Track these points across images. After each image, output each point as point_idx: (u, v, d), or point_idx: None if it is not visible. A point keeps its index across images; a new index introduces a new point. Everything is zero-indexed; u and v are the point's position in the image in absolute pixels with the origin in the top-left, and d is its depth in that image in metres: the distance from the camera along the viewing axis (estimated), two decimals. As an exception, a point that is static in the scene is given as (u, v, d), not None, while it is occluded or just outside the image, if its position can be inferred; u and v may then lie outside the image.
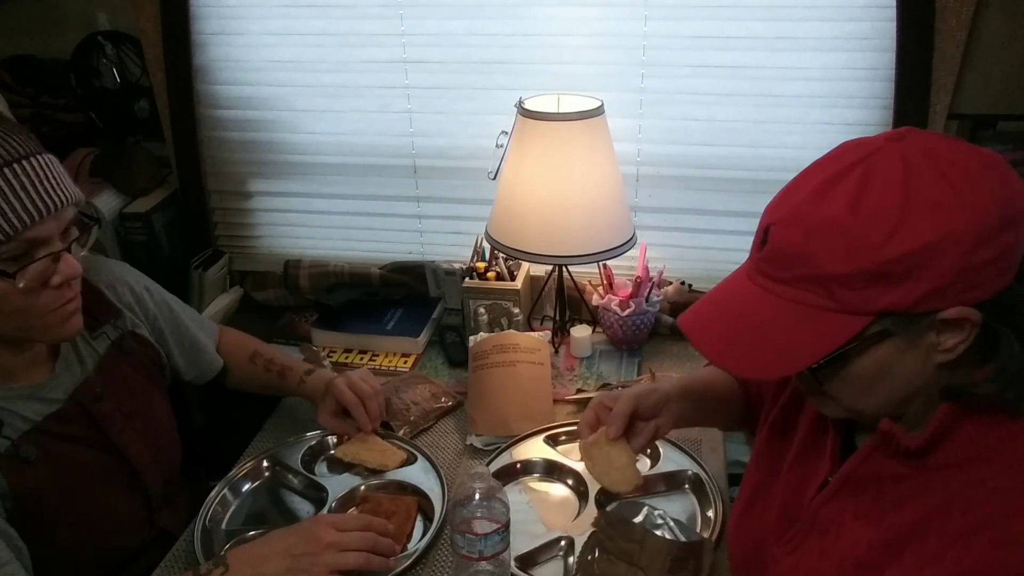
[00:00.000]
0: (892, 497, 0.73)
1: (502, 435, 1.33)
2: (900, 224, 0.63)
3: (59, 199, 0.88)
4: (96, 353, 1.10)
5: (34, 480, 0.97)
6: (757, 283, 0.72)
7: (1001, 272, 0.64)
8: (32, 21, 1.79)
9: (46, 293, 0.91)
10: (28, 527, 0.95)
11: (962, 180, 0.63)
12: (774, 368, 0.72)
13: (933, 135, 0.67)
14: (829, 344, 0.67)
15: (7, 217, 0.83)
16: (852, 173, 0.66)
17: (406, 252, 1.86)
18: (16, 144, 0.86)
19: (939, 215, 0.62)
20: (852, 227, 0.64)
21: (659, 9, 1.51)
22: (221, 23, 1.71)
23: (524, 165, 1.43)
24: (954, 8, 1.37)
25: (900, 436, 0.71)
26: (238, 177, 1.87)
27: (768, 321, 0.70)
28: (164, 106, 1.77)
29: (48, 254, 0.89)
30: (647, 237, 1.59)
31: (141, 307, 1.19)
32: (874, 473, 0.75)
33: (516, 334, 1.45)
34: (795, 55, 1.50)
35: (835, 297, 0.66)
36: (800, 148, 1.56)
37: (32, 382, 1.02)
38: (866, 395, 0.72)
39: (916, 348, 0.68)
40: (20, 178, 0.84)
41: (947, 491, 0.69)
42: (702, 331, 0.75)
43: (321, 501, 1.20)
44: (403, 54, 1.65)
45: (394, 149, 1.75)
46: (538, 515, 1.17)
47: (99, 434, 1.06)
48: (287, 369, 1.33)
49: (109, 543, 1.09)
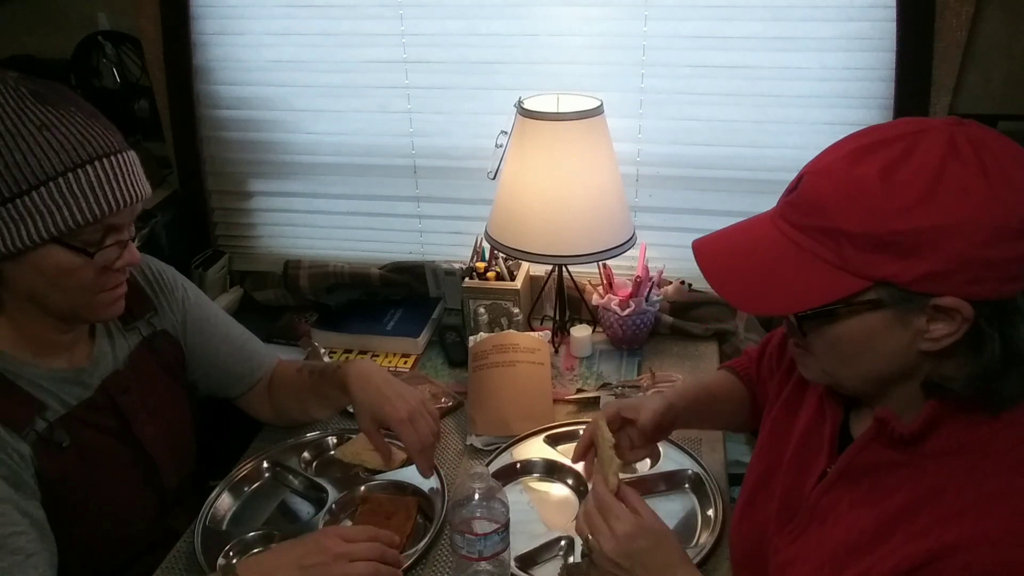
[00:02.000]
0: (887, 484, 0.74)
1: (502, 435, 1.33)
2: (924, 200, 0.63)
3: (137, 193, 0.97)
4: (127, 346, 1.13)
5: (62, 466, 1.00)
6: (777, 225, 0.73)
7: (1009, 278, 0.64)
8: (32, 21, 1.79)
9: (106, 275, 0.98)
10: (49, 514, 0.97)
11: (999, 175, 0.63)
12: (764, 305, 0.74)
13: (991, 131, 0.67)
14: (823, 297, 0.69)
15: (98, 203, 0.92)
16: (897, 144, 0.67)
17: (406, 252, 1.86)
18: (112, 140, 0.96)
19: (964, 200, 0.63)
20: (876, 190, 0.65)
21: (659, 9, 1.51)
22: (221, 23, 1.71)
23: (524, 165, 1.43)
24: (954, 8, 1.37)
25: (894, 423, 0.72)
26: (238, 177, 1.87)
27: (775, 260, 0.72)
28: (164, 106, 1.77)
29: (117, 241, 0.97)
30: (647, 237, 1.59)
31: (176, 311, 1.22)
32: (871, 462, 0.76)
33: (516, 334, 1.45)
34: (795, 55, 1.50)
35: (842, 254, 0.67)
36: (800, 148, 1.56)
37: (73, 365, 1.05)
38: (845, 363, 0.74)
39: (904, 328, 0.69)
40: (113, 170, 0.94)
41: (940, 476, 0.70)
42: (712, 255, 0.78)
43: (321, 502, 1.20)
44: (403, 54, 1.65)
45: (394, 149, 1.75)
46: (538, 515, 1.17)
47: (123, 426, 1.08)
48: (325, 367, 1.28)
49: (122, 536, 1.10)
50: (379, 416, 1.15)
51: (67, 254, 0.93)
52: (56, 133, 0.90)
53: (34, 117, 0.89)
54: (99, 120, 0.96)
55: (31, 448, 0.97)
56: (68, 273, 0.94)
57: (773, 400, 0.96)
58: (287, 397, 1.31)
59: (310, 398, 1.29)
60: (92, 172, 0.92)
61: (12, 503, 0.91)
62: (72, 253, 0.93)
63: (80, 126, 0.92)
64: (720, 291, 0.76)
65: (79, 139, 0.91)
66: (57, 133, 0.90)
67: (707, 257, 0.78)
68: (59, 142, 0.90)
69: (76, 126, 0.92)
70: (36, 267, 0.93)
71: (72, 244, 0.93)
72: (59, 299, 0.97)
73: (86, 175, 0.91)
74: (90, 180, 0.91)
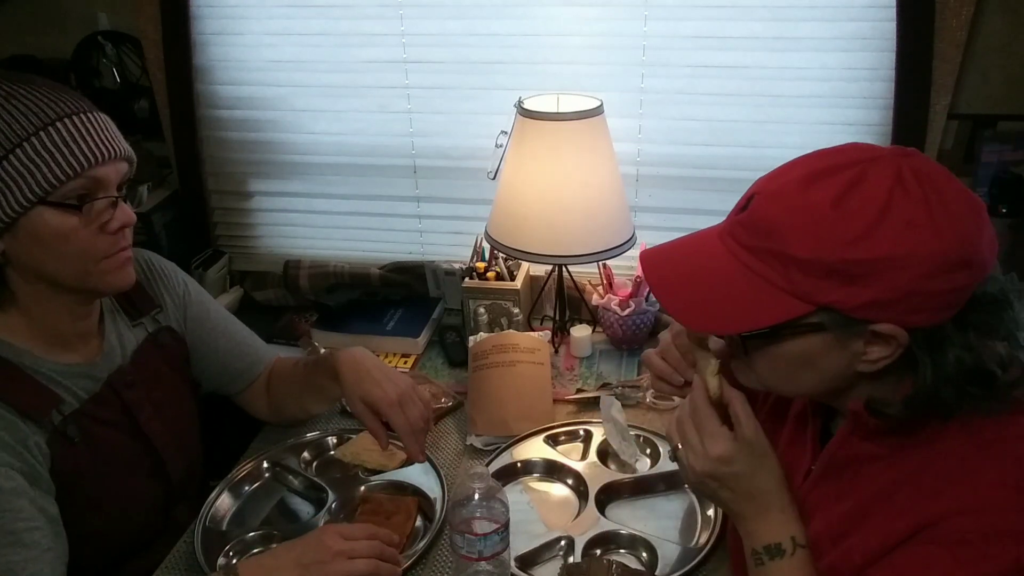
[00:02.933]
0: (867, 474, 0.77)
1: (502, 435, 1.33)
2: (872, 230, 0.65)
3: (118, 148, 0.98)
4: (134, 341, 1.14)
5: (74, 461, 1.01)
6: (726, 243, 0.75)
7: (944, 307, 0.67)
8: (32, 21, 1.79)
9: (103, 238, 0.98)
10: (60, 507, 0.98)
11: (941, 209, 0.65)
12: (709, 323, 0.76)
13: (936, 165, 0.69)
14: (767, 319, 0.71)
15: (76, 156, 0.93)
16: (847, 171, 0.68)
17: (406, 252, 1.85)
18: (81, 103, 0.97)
19: (910, 233, 0.64)
20: (828, 219, 0.66)
21: (659, 9, 1.51)
22: (221, 23, 1.71)
23: (524, 165, 1.43)
24: (954, 8, 1.37)
25: (866, 417, 0.74)
26: (238, 177, 1.87)
27: (722, 280, 0.73)
28: (164, 106, 1.77)
29: (107, 196, 0.97)
30: (647, 237, 1.58)
31: (178, 307, 1.22)
32: (851, 456, 0.78)
33: (516, 334, 1.45)
34: (795, 55, 1.50)
35: (790, 278, 0.69)
36: (800, 148, 1.51)
37: (85, 360, 1.06)
38: (784, 379, 0.77)
39: (843, 350, 0.71)
40: (87, 126, 0.95)
41: (918, 460, 0.73)
42: (658, 267, 0.80)
43: (321, 502, 1.20)
44: (403, 54, 1.65)
45: (394, 149, 1.75)
46: (538, 515, 1.17)
47: (130, 420, 1.09)
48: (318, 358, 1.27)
49: (128, 527, 1.11)
50: (368, 399, 1.14)
51: (56, 215, 0.93)
52: (23, 100, 0.92)
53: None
54: (67, 91, 0.97)
55: (47, 442, 0.97)
56: (64, 237, 0.94)
57: (761, 404, 0.96)
58: (284, 393, 1.31)
59: (305, 391, 1.28)
60: (64, 128, 0.93)
61: (29, 498, 0.92)
62: (61, 212, 0.93)
63: (47, 91, 0.95)
64: (666, 306, 0.77)
65: (47, 102, 0.93)
66: (24, 100, 0.92)
67: (654, 269, 0.79)
68: (27, 107, 0.92)
69: (43, 93, 0.94)
70: (31, 235, 0.93)
71: (59, 202, 0.93)
72: (63, 268, 0.97)
73: (58, 132, 0.92)
74: (63, 136, 0.93)
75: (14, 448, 0.93)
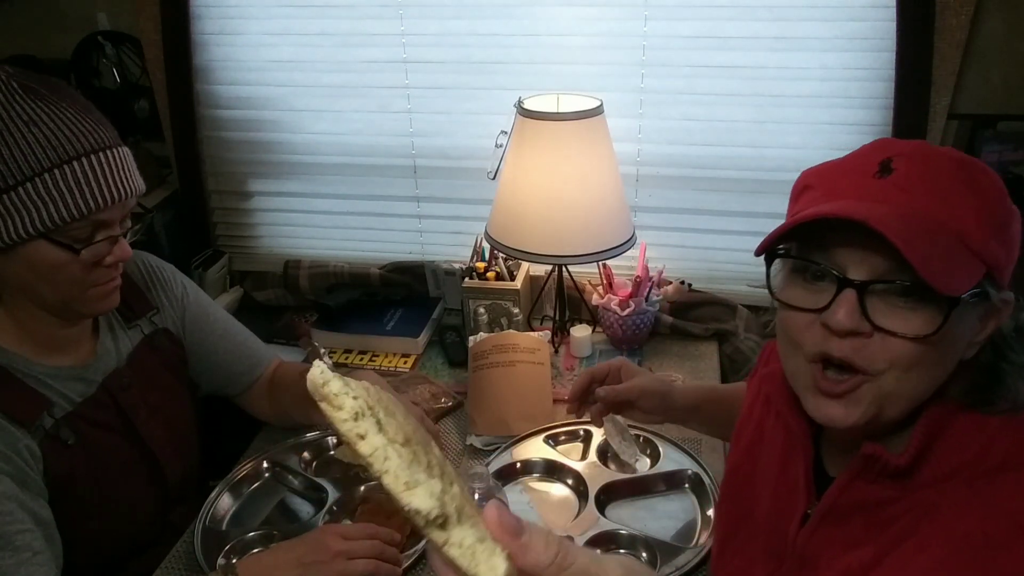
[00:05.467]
0: (882, 519, 0.68)
1: (502, 435, 1.33)
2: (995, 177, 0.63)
3: (128, 189, 0.97)
4: (130, 344, 1.14)
5: (69, 464, 1.00)
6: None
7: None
8: (32, 21, 1.79)
9: (97, 271, 0.98)
10: (55, 511, 0.97)
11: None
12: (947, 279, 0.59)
13: None
14: (970, 280, 0.60)
15: (85, 200, 0.92)
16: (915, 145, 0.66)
17: (406, 252, 1.85)
18: (103, 136, 0.95)
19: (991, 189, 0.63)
20: (964, 175, 0.62)
21: (659, 9, 1.51)
22: (221, 23, 1.71)
23: (524, 165, 1.42)
24: (954, 8, 1.37)
25: (886, 457, 0.66)
26: (238, 177, 1.87)
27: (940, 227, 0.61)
28: (164, 106, 1.77)
29: (108, 237, 0.97)
30: (647, 237, 1.58)
31: (175, 309, 1.22)
32: (858, 501, 0.70)
33: (516, 334, 1.45)
34: (795, 55, 1.50)
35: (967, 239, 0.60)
36: (800, 148, 1.56)
37: (77, 363, 1.06)
38: (925, 373, 0.63)
39: (968, 329, 0.63)
40: (102, 166, 0.94)
41: (938, 500, 0.65)
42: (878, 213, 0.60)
43: (321, 502, 1.20)
44: (403, 54, 1.65)
45: (394, 149, 1.75)
46: (538, 515, 1.17)
47: (126, 423, 1.09)
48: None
49: (125, 531, 1.11)
50: None
51: (55, 250, 0.93)
52: (44, 129, 0.90)
53: (23, 112, 0.90)
54: (91, 115, 0.96)
55: (39, 446, 0.97)
56: (57, 268, 0.95)
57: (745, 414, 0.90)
58: (289, 402, 1.30)
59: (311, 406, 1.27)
60: (79, 168, 0.92)
61: (18, 501, 0.92)
62: (59, 249, 0.94)
63: (70, 121, 0.92)
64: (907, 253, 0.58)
65: (68, 135, 0.92)
66: (45, 129, 0.90)
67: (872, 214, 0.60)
68: (46, 138, 0.90)
69: (66, 121, 0.92)
70: (25, 261, 0.94)
71: (59, 240, 0.93)
72: (49, 293, 0.97)
73: (72, 171, 0.91)
74: (76, 176, 0.92)
75: (3, 452, 0.93)
